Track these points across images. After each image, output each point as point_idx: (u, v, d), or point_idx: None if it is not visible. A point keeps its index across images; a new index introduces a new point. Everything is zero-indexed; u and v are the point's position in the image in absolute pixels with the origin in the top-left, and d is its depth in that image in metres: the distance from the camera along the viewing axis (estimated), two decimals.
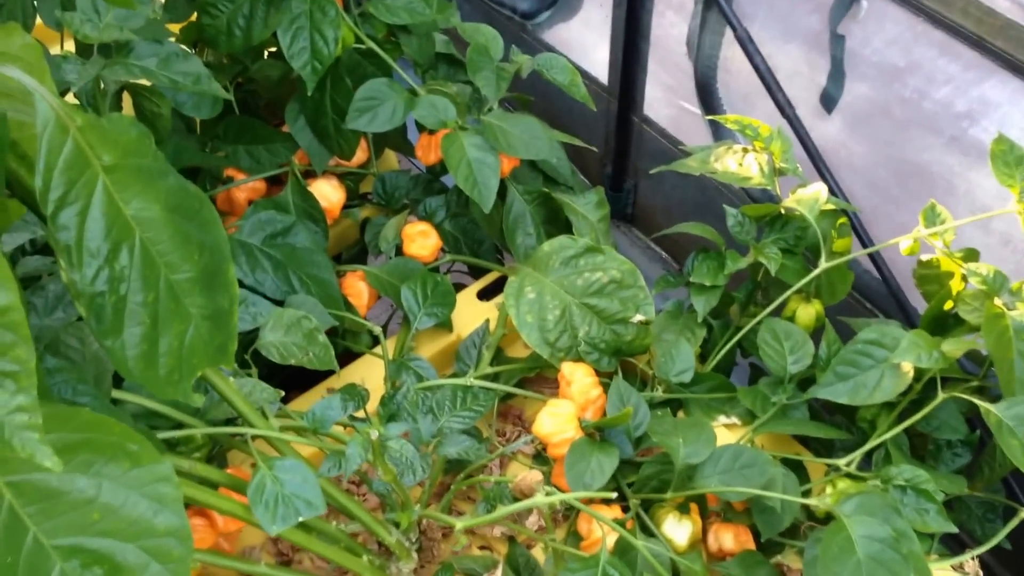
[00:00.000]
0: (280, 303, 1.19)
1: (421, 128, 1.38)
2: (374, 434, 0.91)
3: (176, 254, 0.73)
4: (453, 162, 1.25)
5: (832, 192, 1.39)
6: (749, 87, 1.57)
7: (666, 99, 1.82)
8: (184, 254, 0.74)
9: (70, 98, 1.21)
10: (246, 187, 1.40)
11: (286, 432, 0.99)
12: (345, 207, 1.44)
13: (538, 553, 1.12)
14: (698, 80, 1.70)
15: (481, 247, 1.42)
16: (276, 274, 1.21)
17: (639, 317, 1.21)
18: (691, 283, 1.26)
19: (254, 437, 0.95)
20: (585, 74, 1.94)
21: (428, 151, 1.38)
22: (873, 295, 1.52)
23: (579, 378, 1.15)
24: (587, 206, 1.34)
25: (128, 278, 0.71)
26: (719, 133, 1.67)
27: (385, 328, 1.43)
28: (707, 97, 1.69)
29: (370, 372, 1.27)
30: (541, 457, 1.22)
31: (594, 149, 1.48)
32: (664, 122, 1.87)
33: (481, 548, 1.16)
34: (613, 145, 2.13)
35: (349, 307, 1.30)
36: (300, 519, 0.85)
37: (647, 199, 2.11)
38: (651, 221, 2.10)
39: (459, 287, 1.43)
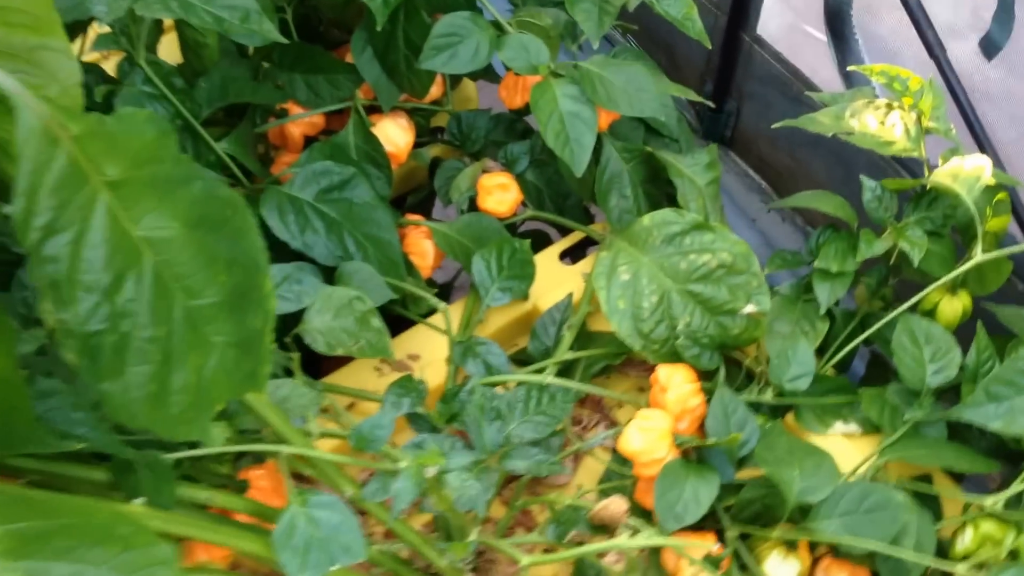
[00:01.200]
0: (332, 271, 1.05)
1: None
2: (430, 471, 0.77)
3: (198, 277, 0.59)
4: (543, 115, 1.08)
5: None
6: (891, 23, 1.35)
7: (785, 20, 1.60)
8: (208, 276, 0.60)
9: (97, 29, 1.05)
10: (303, 121, 1.24)
11: (325, 438, 0.86)
12: (414, 145, 1.28)
13: None
14: (828, 3, 1.48)
15: (567, 201, 1.25)
16: (329, 236, 1.06)
17: (750, 308, 1.04)
18: (815, 267, 1.08)
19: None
20: None
21: (514, 93, 1.20)
22: None
23: (677, 384, 1.00)
24: (695, 167, 1.16)
25: (133, 313, 0.57)
26: (851, 76, 1.46)
27: (449, 290, 1.28)
28: (837, 25, 1.48)
29: (426, 344, 1.12)
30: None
31: (709, 104, 1.28)
32: (780, 45, 1.65)
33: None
34: (717, 63, 1.93)
35: (411, 269, 1.16)
36: (335, 567, 0.72)
37: (750, 124, 1.91)
38: (751, 147, 1.90)
39: (538, 240, 1.27)
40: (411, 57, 1.17)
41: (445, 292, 1.28)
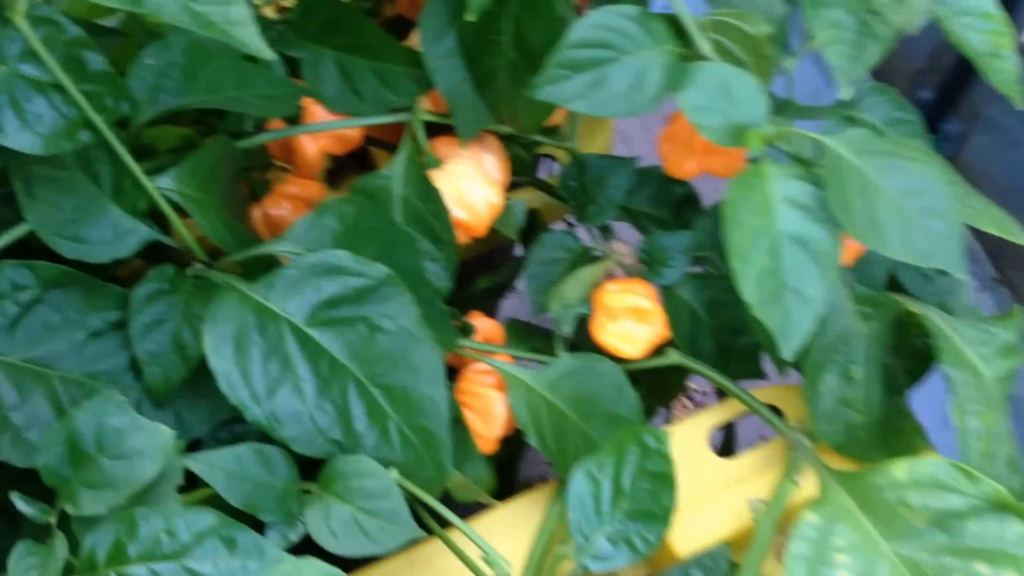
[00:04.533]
0: (311, 465, 0.59)
1: None
2: None
3: None
4: (741, 230, 0.60)
5: None
6: None
7: None
8: None
9: None
10: (324, 134, 0.76)
11: None
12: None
13: None
14: None
15: (736, 341, 0.77)
16: (323, 397, 0.60)
17: None
18: None
19: None
20: None
21: (684, 154, 0.72)
22: None
23: None
24: (985, 349, 0.66)
25: None
26: None
27: (512, 471, 0.82)
28: None
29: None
30: None
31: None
32: None
33: None
34: (946, 65, 1.43)
35: (463, 443, 0.69)
36: None
37: (980, 159, 1.42)
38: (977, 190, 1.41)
39: (665, 380, 0.80)
40: (521, 67, 0.69)
41: (506, 469, 0.80)
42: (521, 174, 0.84)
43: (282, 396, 0.59)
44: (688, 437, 0.74)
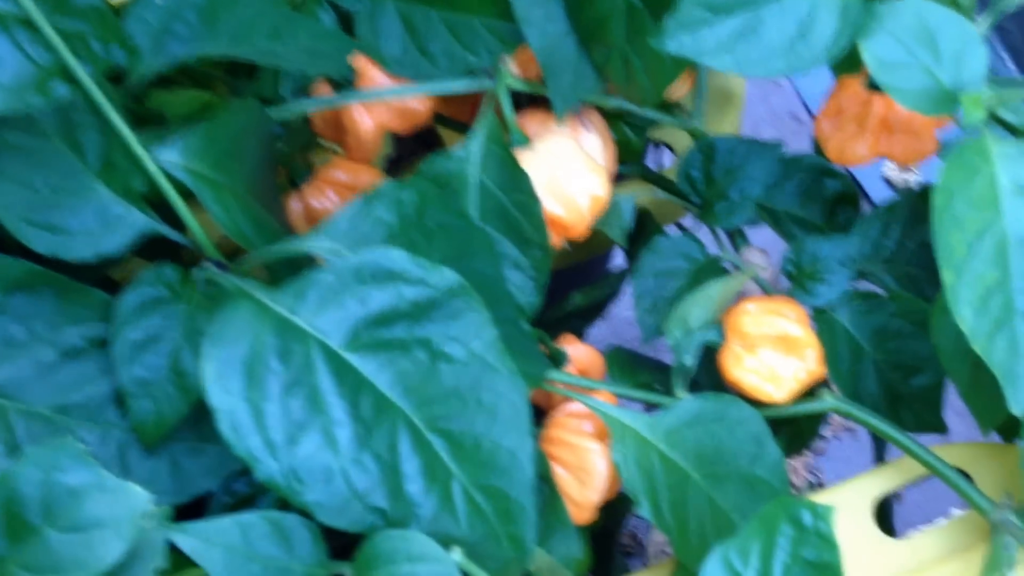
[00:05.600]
0: (341, 540, 0.44)
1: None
2: None
3: None
4: (957, 228, 0.42)
5: None
6: None
7: None
8: None
9: None
10: (386, 104, 0.61)
11: None
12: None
13: None
14: None
15: (912, 381, 0.59)
16: (363, 448, 0.44)
17: None
18: None
19: None
20: None
21: (852, 132, 0.55)
22: None
23: None
24: None
25: None
26: None
27: (611, 540, 0.66)
28: None
29: None
30: None
31: None
32: None
33: None
34: None
35: (553, 507, 0.53)
36: None
37: None
38: None
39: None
40: (643, 13, 0.52)
41: (602, 541, 0.63)
42: (629, 163, 0.67)
43: (307, 446, 0.43)
44: (849, 509, 0.56)
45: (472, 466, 0.46)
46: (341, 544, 0.45)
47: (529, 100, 0.61)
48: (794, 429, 0.66)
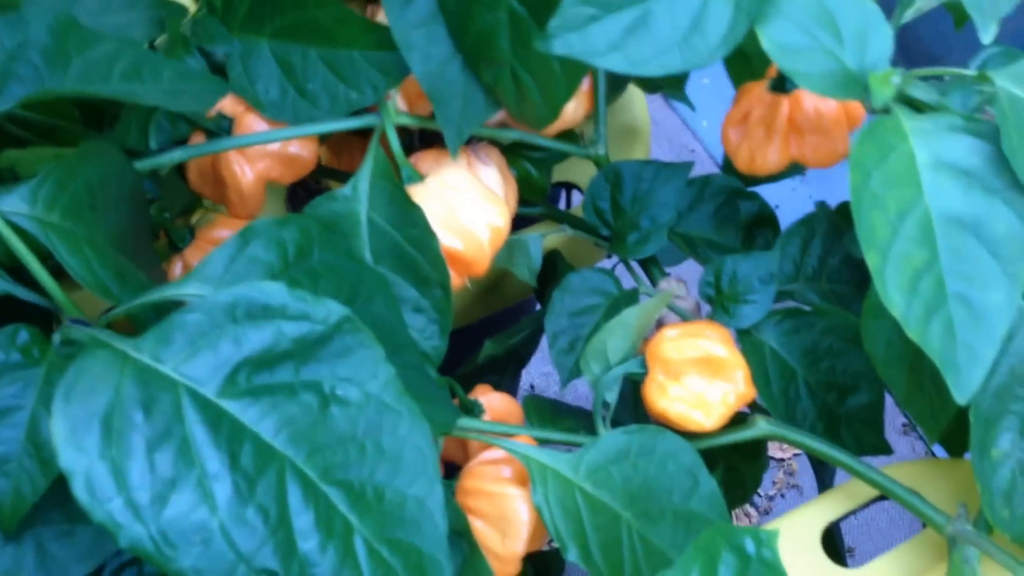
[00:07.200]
0: None
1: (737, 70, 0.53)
2: None
3: None
4: (877, 208, 0.39)
5: None
6: None
7: None
8: None
9: None
10: (264, 151, 0.57)
11: None
12: (514, 223, 0.59)
13: None
14: None
15: (849, 401, 0.56)
16: (245, 500, 0.39)
17: None
18: None
19: None
20: None
21: (761, 138, 0.52)
22: None
23: None
24: None
25: None
26: None
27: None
28: None
29: None
30: None
31: None
32: None
33: None
34: None
35: (473, 563, 0.48)
36: None
37: None
38: None
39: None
40: (529, 22, 0.49)
41: None
42: (534, 203, 0.64)
43: (179, 504, 0.38)
44: (796, 537, 0.52)
45: (375, 518, 0.41)
46: None
47: (423, 142, 0.58)
48: (736, 477, 0.62)
